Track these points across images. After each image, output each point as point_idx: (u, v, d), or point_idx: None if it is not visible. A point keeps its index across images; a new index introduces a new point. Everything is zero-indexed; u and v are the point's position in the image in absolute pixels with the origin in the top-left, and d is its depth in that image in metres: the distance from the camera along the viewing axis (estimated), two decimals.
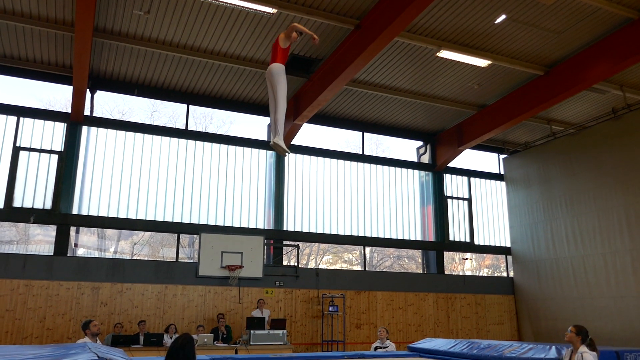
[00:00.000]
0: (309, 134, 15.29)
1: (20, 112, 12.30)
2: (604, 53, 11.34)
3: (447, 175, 16.86)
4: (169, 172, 13.40)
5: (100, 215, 12.52)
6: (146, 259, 13.75)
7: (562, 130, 15.70)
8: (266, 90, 13.54)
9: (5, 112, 12.19)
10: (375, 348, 9.51)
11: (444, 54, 11.70)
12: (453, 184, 16.97)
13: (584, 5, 10.23)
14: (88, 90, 12.45)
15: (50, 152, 12.39)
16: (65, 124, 12.62)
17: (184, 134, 13.76)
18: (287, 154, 6.87)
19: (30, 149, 12.23)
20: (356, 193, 15.42)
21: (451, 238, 16.32)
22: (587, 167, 14.92)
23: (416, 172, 16.59)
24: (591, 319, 13.96)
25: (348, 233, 14.98)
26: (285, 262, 14.26)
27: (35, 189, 12.10)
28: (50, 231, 12.42)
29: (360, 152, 15.86)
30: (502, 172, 17.86)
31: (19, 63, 12.14)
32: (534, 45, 11.66)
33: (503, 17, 10.56)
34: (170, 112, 14.18)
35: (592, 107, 14.62)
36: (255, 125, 15.04)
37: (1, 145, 12.05)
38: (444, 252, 16.32)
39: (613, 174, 14.17)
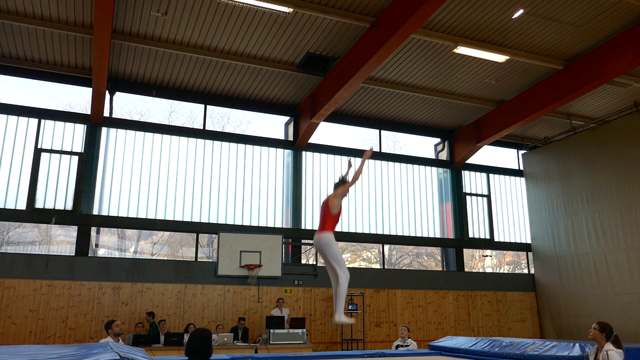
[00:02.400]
0: (326, 132, 15.28)
1: (41, 114, 12.48)
2: (624, 46, 11.14)
3: (465, 172, 16.72)
4: (187, 172, 13.49)
5: (120, 215, 12.65)
6: (166, 258, 13.87)
7: (583, 125, 15.48)
8: (283, 89, 13.64)
9: (26, 114, 12.38)
10: (397, 347, 9.47)
11: (461, 50, 11.60)
12: (472, 181, 16.83)
13: None
14: (107, 91, 12.58)
15: (71, 153, 12.56)
16: (85, 126, 12.78)
17: (202, 134, 13.84)
18: (353, 322, 6.57)
19: (51, 151, 12.40)
20: (374, 191, 15.37)
21: (470, 235, 16.19)
22: (609, 161, 14.68)
23: (434, 169, 16.49)
24: (614, 316, 13.73)
25: (366, 231, 14.94)
26: (303, 261, 14.27)
27: (57, 190, 12.27)
28: (72, 232, 12.59)
29: (378, 150, 15.80)
30: (521, 168, 17.67)
31: (40, 66, 12.32)
32: (553, 39, 11.50)
33: (521, 11, 10.43)
34: (188, 113, 14.28)
35: (613, 101, 14.38)
36: (272, 124, 15.08)
37: (23, 147, 12.24)
38: (464, 250, 16.20)
39: (635, 168, 13.93)
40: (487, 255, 17.45)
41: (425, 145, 16.93)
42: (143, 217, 12.83)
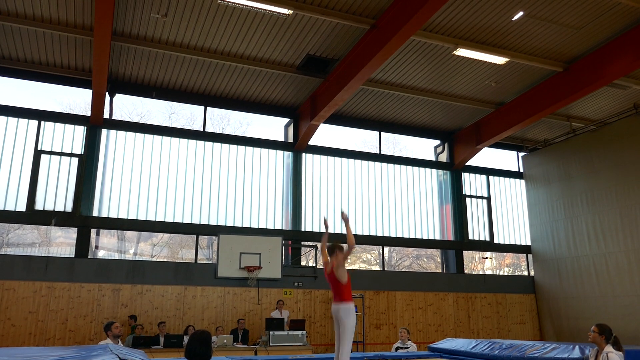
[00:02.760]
0: (326, 134, 15.29)
1: (41, 115, 12.49)
2: (624, 48, 11.15)
3: (465, 173, 16.72)
4: (187, 174, 13.49)
5: (120, 217, 12.65)
6: (165, 260, 13.86)
7: (583, 127, 15.48)
8: (283, 91, 13.65)
9: (26, 116, 12.38)
10: (397, 348, 9.47)
11: (461, 52, 11.61)
12: (472, 183, 16.83)
13: (603, 0, 10.07)
14: (107, 93, 12.59)
15: (71, 155, 12.56)
16: (85, 127, 12.78)
17: (202, 135, 13.85)
18: None
19: (51, 152, 12.40)
20: (374, 193, 15.37)
21: (470, 237, 16.18)
22: (609, 163, 14.68)
23: (434, 171, 16.49)
24: (614, 318, 13.71)
25: (366, 233, 14.94)
26: (303, 263, 14.26)
27: (56, 191, 12.27)
28: (71, 233, 12.59)
29: (378, 152, 15.80)
30: (521, 170, 17.67)
31: (40, 67, 12.33)
32: (553, 41, 11.51)
33: (520, 13, 10.44)
34: (187, 114, 14.29)
35: (613, 103, 14.39)
36: (272, 126, 15.08)
37: (23, 149, 12.24)
38: (464, 251, 16.19)
39: (635, 170, 13.93)
40: (487, 257, 17.44)
41: (425, 147, 16.94)
42: (143, 218, 12.83)
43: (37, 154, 12.26)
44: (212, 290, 12.77)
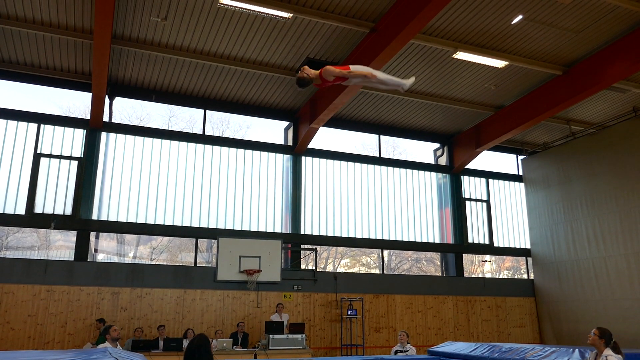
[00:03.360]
0: (326, 137, 15.30)
1: (41, 119, 12.49)
2: (623, 51, 11.17)
3: (465, 177, 16.73)
4: (187, 177, 13.49)
5: (119, 220, 12.64)
6: (165, 263, 13.84)
7: (582, 130, 15.49)
8: (282, 94, 13.67)
9: (26, 119, 12.38)
10: (396, 352, 9.46)
11: (461, 55, 11.63)
12: (471, 186, 16.84)
13: (603, 4, 10.09)
14: (107, 96, 12.60)
15: (70, 158, 12.56)
16: (85, 131, 12.79)
17: (202, 138, 13.85)
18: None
19: (50, 156, 12.40)
20: (373, 196, 15.37)
21: (470, 240, 16.18)
22: (608, 167, 14.69)
23: (434, 174, 16.50)
24: (614, 321, 13.71)
25: (366, 236, 14.94)
26: (303, 266, 14.24)
27: (56, 195, 12.26)
28: (71, 237, 12.58)
29: (377, 155, 15.81)
30: (520, 173, 17.67)
31: (39, 71, 12.34)
32: (552, 44, 11.53)
33: (520, 17, 10.46)
34: (187, 118, 14.29)
35: (612, 107, 14.41)
36: (271, 129, 15.09)
37: (22, 152, 12.24)
38: (463, 255, 16.19)
39: (635, 174, 13.93)
40: (486, 261, 17.43)
41: (424, 151, 16.94)
42: (142, 222, 12.82)
43: (37, 157, 12.26)
44: (211, 294, 12.75)
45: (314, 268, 14.03)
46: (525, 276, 17.37)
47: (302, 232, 14.16)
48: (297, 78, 5.73)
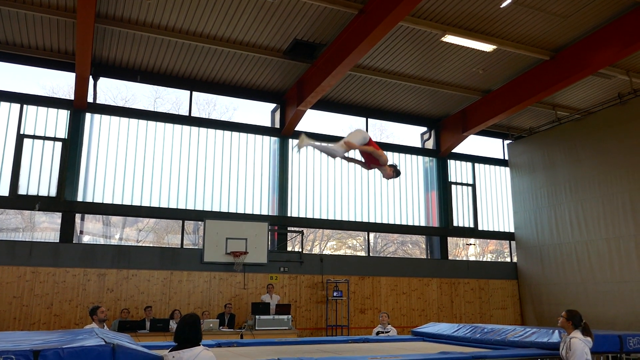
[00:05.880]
0: (313, 119, 15.26)
1: (24, 99, 12.29)
2: (610, 38, 11.23)
3: (451, 161, 16.82)
4: (173, 159, 13.41)
5: (105, 202, 12.56)
6: (151, 245, 13.82)
7: (567, 116, 15.62)
8: (269, 76, 13.59)
9: (8, 99, 12.18)
10: (377, 333, 9.57)
11: (449, 38, 11.60)
12: (457, 170, 16.95)
13: None
14: (91, 77, 12.41)
15: (54, 139, 12.41)
16: (69, 111, 12.62)
17: (188, 120, 13.74)
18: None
19: (34, 137, 12.24)
20: (360, 179, 15.41)
21: (455, 224, 16.33)
22: (592, 152, 14.85)
23: (420, 157, 16.57)
24: (594, 304, 14.02)
25: (352, 219, 15.01)
26: (289, 248, 14.30)
27: (40, 176, 12.13)
28: (56, 218, 12.48)
29: None
30: (506, 158, 17.81)
31: (21, 50, 12.10)
32: (540, 29, 11.55)
33: (509, 1, 10.44)
34: (173, 99, 14.16)
35: (598, 93, 14.52)
36: (258, 112, 15.01)
37: (5, 133, 12.06)
38: (448, 238, 16.35)
39: (618, 160, 14.11)
40: (470, 244, 17.63)
41: (411, 134, 16.99)
42: (128, 203, 12.76)
43: (20, 138, 12.09)
44: (198, 275, 12.78)
45: (300, 250, 14.10)
46: (508, 259, 17.62)
47: (289, 215, 14.19)
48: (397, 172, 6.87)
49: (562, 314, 5.81)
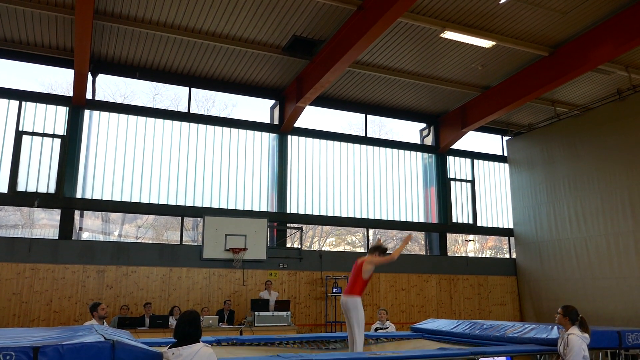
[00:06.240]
0: (312, 116, 15.26)
1: (22, 96, 12.27)
2: (609, 33, 11.21)
3: (450, 157, 16.82)
4: (172, 155, 13.40)
5: (104, 199, 12.56)
6: (151, 242, 13.83)
7: (567, 112, 15.61)
8: (269, 72, 13.56)
9: (7, 96, 12.17)
10: (376, 329, 9.61)
11: (448, 34, 11.58)
12: (456, 166, 16.95)
13: None
14: (89, 73, 12.39)
15: (53, 136, 12.39)
16: (68, 108, 12.60)
17: (187, 117, 13.73)
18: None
19: (33, 133, 12.22)
20: (359, 175, 15.42)
21: (454, 220, 16.35)
22: (591, 148, 14.86)
23: (419, 154, 16.56)
24: (593, 300, 14.05)
25: (351, 215, 15.02)
26: (288, 245, 14.32)
27: (39, 173, 12.13)
28: (55, 215, 12.48)
29: (363, 135, 15.81)
30: (505, 154, 17.82)
31: (20, 47, 12.08)
32: (539, 25, 11.53)
33: None
34: (172, 95, 14.14)
35: (597, 88, 14.51)
36: (257, 108, 14.99)
37: (4, 130, 12.05)
38: (447, 234, 16.37)
39: (617, 156, 14.11)
40: (469, 240, 17.65)
41: (410, 131, 16.98)
42: (127, 200, 12.75)
43: (19, 134, 12.08)
44: (197, 272, 12.79)
45: (299, 246, 14.11)
46: (507, 255, 17.64)
47: (288, 211, 14.20)
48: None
49: (558, 311, 5.82)
